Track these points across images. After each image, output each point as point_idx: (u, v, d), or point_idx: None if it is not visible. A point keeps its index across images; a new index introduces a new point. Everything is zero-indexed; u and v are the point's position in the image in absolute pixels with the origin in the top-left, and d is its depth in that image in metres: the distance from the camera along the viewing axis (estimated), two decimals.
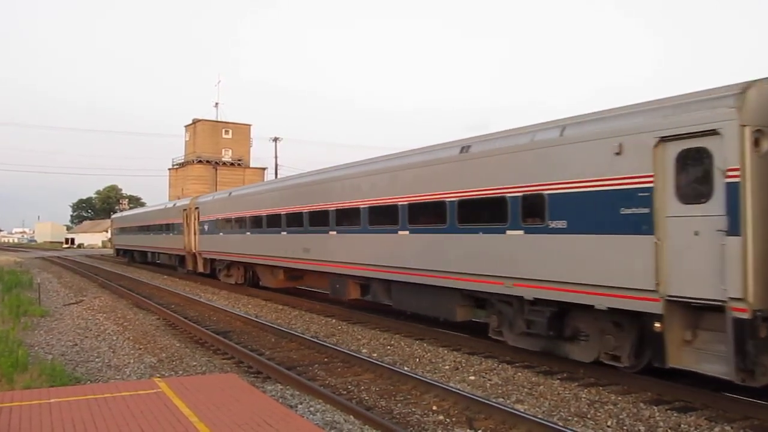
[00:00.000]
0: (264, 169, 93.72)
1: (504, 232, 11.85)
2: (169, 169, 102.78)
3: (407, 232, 14.79)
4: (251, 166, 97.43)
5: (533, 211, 11.28)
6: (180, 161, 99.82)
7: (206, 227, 30.54)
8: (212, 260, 30.37)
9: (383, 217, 15.73)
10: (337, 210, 18.00)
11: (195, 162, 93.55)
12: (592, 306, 10.20)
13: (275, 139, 73.84)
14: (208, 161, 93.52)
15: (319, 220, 19.05)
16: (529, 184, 11.36)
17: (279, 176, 65.10)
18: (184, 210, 34.22)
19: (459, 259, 13.08)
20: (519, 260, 11.57)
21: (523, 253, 11.48)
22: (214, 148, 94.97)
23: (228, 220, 27.80)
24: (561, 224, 10.68)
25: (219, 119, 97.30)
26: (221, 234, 28.53)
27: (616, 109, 10.38)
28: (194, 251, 32.39)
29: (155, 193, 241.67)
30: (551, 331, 11.09)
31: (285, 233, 21.60)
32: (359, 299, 18.34)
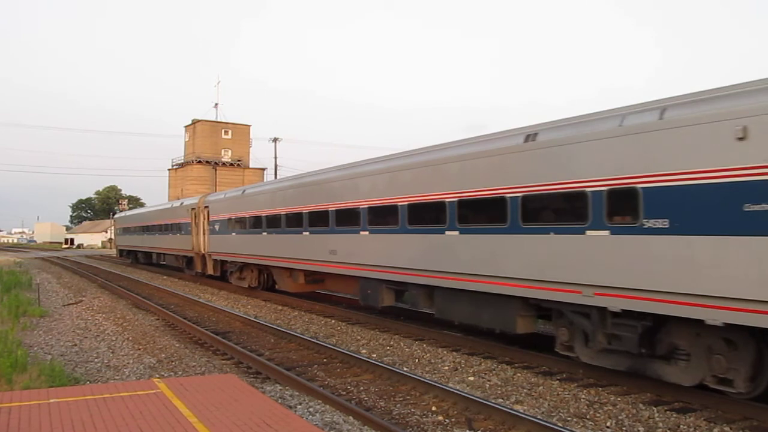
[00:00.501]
0: (263, 169, 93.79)
1: (583, 233, 10.21)
2: (169, 169, 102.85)
3: (457, 233, 13.17)
4: (251, 166, 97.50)
5: (623, 208, 9.70)
6: (179, 162, 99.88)
7: (217, 227, 28.65)
8: (223, 262, 28.77)
9: (427, 215, 14.15)
10: (369, 208, 16.32)
11: (194, 162, 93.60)
12: (697, 320, 8.68)
13: (275, 140, 73.80)
14: (207, 162, 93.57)
15: (348, 219, 17.40)
16: (616, 177, 9.70)
17: (278, 177, 64.40)
18: (193, 209, 32.58)
19: (522, 264, 11.47)
20: (602, 265, 9.93)
21: (608, 257, 9.84)
22: (213, 148, 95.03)
23: (241, 220, 25.80)
24: (661, 223, 9.07)
25: (218, 120, 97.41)
26: (234, 234, 26.60)
27: (732, 87, 8.84)
28: (203, 252, 30.77)
29: (154, 194, 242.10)
30: (643, 349, 9.56)
31: (307, 233, 19.81)
32: (393, 306, 16.83)
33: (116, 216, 66.61)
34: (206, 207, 30.37)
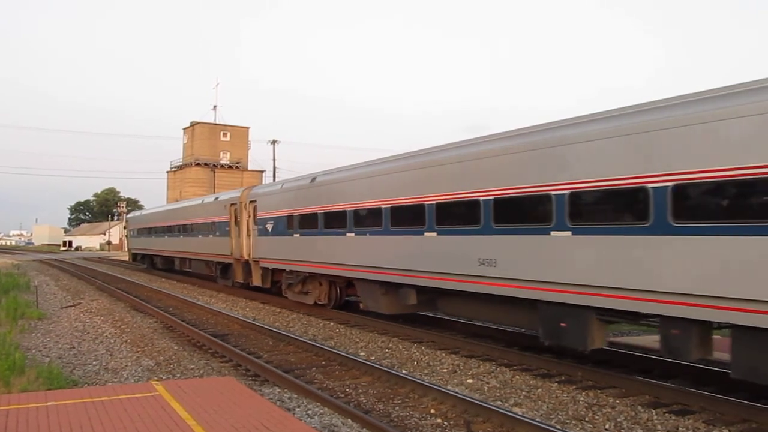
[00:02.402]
0: (262, 171, 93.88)
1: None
2: (167, 171, 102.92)
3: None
4: (249, 168, 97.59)
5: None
6: (178, 164, 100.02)
7: (268, 227, 22.73)
8: (274, 271, 23.04)
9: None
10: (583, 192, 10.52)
11: (193, 165, 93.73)
12: None
13: (273, 142, 73.89)
14: (206, 164, 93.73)
15: (532, 211, 11.44)
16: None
17: (276, 179, 62.49)
18: (232, 205, 26.72)
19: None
20: None
21: None
22: (212, 150, 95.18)
23: (309, 217, 19.71)
24: None
25: (217, 122, 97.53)
26: (296, 236, 20.59)
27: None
28: (247, 258, 25.01)
29: (153, 196, 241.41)
30: None
31: (434, 234, 13.70)
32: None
33: (129, 216, 58.16)
34: (252, 202, 24.47)
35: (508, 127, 18.13)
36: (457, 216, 13.18)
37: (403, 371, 11.83)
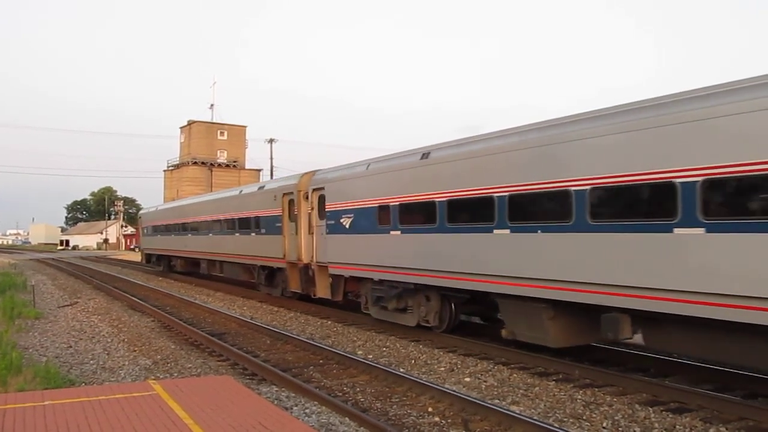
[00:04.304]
0: (260, 170, 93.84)
1: None
2: (164, 170, 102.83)
3: None
4: (247, 167, 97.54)
5: None
6: (175, 163, 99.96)
7: (344, 221, 17.52)
8: (351, 281, 17.87)
9: None
10: None
11: (190, 163, 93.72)
12: None
13: (271, 141, 73.84)
14: (203, 163, 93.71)
15: None
16: None
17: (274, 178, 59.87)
18: (286, 195, 21.47)
19: None
20: None
21: None
22: (209, 149, 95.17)
23: (419, 207, 14.42)
24: None
25: (214, 121, 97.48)
26: (395, 233, 15.19)
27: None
28: (306, 262, 19.95)
29: (150, 195, 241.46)
30: None
31: (701, 230, 8.62)
32: None
33: (142, 212, 51.11)
34: (317, 190, 19.30)
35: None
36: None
37: (401, 370, 11.83)
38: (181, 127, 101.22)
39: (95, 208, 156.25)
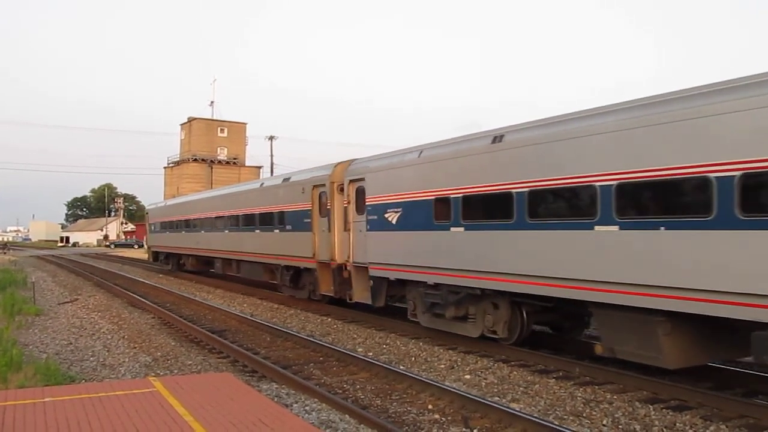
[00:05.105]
0: (260, 167, 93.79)
1: None
2: (165, 167, 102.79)
3: None
4: (247, 164, 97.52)
5: None
6: (175, 160, 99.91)
7: (390, 216, 15.41)
8: (392, 283, 15.81)
9: None
10: None
11: (190, 160, 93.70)
12: None
13: (271, 138, 73.80)
14: (203, 160, 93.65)
15: None
16: None
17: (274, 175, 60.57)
18: (317, 187, 19.43)
19: None
20: None
21: None
22: (209, 146, 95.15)
23: (489, 200, 12.40)
24: None
25: (215, 117, 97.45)
26: (456, 230, 13.15)
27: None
28: (341, 262, 18.05)
29: (151, 192, 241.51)
30: None
31: None
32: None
33: (150, 207, 47.53)
34: (355, 181, 17.27)
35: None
36: None
37: (401, 367, 11.84)
38: (181, 124, 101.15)
39: (95, 205, 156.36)
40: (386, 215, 15.54)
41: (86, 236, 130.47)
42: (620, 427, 8.50)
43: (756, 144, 8.04)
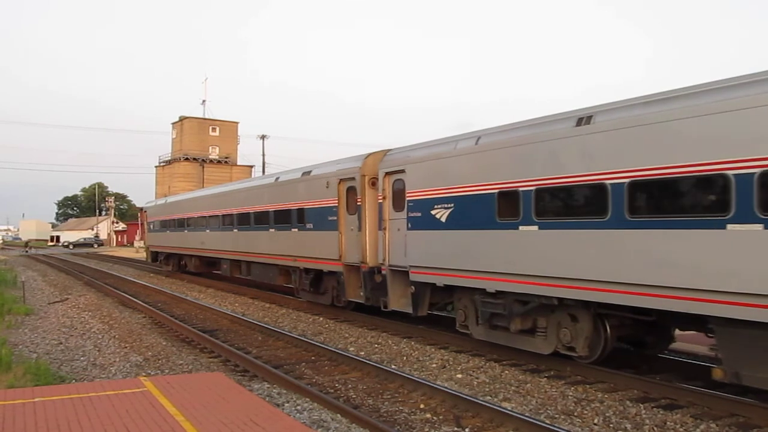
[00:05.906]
0: (252, 166, 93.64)
1: None
2: (156, 166, 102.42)
3: None
4: (238, 163, 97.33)
5: None
6: (167, 159, 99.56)
7: (437, 213, 13.45)
8: (435, 289, 14.01)
9: None
10: None
11: (182, 159, 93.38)
12: None
13: (263, 137, 73.73)
14: (195, 159, 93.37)
15: None
16: None
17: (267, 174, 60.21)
18: (344, 181, 17.41)
19: None
20: None
21: None
22: (201, 145, 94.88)
23: (565, 194, 10.69)
24: None
25: (206, 117, 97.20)
26: (526, 229, 11.18)
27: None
28: (373, 265, 16.10)
29: (142, 191, 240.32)
30: None
31: None
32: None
33: (148, 205, 44.53)
34: (392, 173, 15.24)
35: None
36: None
37: (393, 366, 11.84)
38: (172, 123, 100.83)
39: (86, 204, 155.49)
40: (433, 212, 13.53)
41: (77, 235, 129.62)
42: (611, 425, 8.54)
43: None
